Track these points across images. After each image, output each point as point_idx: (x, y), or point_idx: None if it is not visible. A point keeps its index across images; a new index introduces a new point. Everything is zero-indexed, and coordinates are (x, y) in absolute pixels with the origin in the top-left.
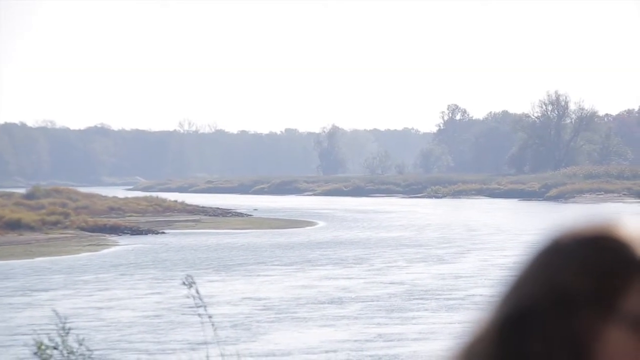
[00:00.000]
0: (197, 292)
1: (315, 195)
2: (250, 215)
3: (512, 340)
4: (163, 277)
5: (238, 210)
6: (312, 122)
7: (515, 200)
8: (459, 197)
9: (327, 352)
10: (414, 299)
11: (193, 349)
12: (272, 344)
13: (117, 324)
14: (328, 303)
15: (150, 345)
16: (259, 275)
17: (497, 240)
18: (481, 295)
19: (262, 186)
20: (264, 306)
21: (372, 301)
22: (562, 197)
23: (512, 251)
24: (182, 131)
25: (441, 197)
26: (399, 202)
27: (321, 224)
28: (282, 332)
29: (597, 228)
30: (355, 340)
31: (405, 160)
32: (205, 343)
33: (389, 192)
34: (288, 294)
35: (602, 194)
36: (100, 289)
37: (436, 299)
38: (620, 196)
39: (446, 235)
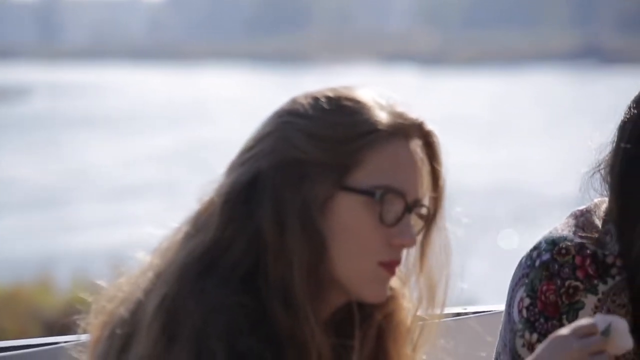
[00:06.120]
0: None
1: (36, 65)
2: None
3: (243, 205)
4: None
5: None
6: None
7: (251, 65)
8: (192, 65)
9: None
10: (83, 185)
11: None
12: None
13: None
14: None
15: None
16: None
17: (223, 111)
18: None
19: None
20: None
21: (43, 191)
22: (301, 60)
23: (237, 125)
24: None
25: (173, 66)
26: (126, 72)
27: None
28: None
29: (336, 93)
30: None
31: (133, 28)
32: None
33: (115, 61)
34: None
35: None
36: None
37: (112, 184)
38: (359, 58)
39: (165, 111)
